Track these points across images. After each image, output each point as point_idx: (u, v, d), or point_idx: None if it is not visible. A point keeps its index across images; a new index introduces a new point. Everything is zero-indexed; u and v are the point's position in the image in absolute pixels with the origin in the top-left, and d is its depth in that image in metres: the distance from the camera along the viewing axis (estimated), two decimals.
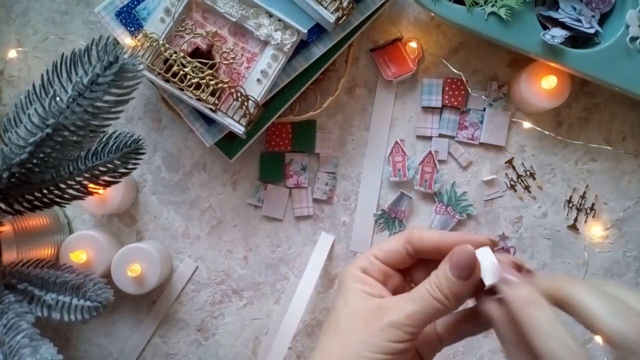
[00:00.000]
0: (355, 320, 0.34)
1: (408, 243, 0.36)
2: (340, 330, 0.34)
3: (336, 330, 0.35)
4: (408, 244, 0.36)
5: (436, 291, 0.33)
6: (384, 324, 0.33)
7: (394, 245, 0.37)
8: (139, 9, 0.57)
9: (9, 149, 0.41)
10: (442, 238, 0.35)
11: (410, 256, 0.37)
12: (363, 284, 0.36)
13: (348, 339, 0.33)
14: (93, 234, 0.60)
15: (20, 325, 0.44)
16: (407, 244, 0.36)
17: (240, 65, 0.56)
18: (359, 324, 0.34)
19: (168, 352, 0.65)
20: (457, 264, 0.33)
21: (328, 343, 0.34)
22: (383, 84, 0.64)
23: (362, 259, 0.37)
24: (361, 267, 0.37)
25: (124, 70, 0.39)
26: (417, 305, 0.33)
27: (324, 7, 0.54)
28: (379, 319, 0.33)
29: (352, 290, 0.36)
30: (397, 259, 0.37)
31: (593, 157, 0.64)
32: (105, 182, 0.49)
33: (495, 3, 0.55)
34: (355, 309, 0.35)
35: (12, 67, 0.65)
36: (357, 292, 0.35)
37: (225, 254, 0.65)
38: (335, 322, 0.35)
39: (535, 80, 0.59)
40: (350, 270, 0.37)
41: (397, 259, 0.37)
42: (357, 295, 0.35)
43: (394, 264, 0.37)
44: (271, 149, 0.64)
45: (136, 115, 0.65)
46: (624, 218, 0.64)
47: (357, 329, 0.34)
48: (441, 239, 0.35)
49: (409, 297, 0.34)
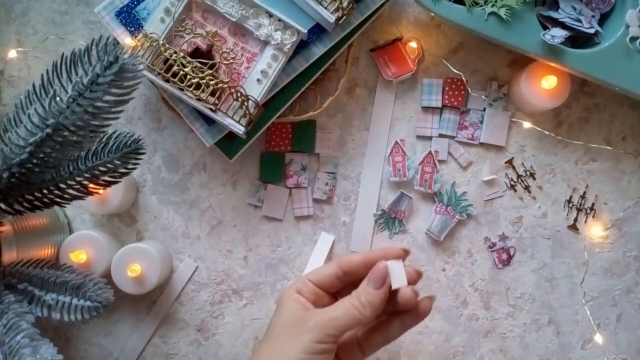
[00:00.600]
0: (285, 326, 0.41)
1: (338, 267, 0.44)
2: (272, 337, 0.41)
3: (269, 337, 0.42)
4: (338, 267, 0.44)
5: (355, 301, 0.41)
6: (310, 325, 0.40)
7: (325, 270, 0.45)
8: (139, 9, 0.57)
9: (9, 149, 0.41)
10: (365, 256, 0.43)
11: (339, 279, 0.44)
12: (296, 302, 0.43)
13: (278, 343, 0.40)
14: (93, 234, 0.60)
15: (20, 325, 0.44)
16: (337, 267, 0.44)
17: (240, 65, 0.56)
18: (288, 328, 0.41)
19: (168, 352, 0.65)
20: (373, 277, 0.41)
21: (261, 349, 0.41)
22: (383, 84, 0.64)
23: (297, 283, 0.44)
24: (296, 288, 0.44)
25: (124, 70, 0.39)
26: (339, 311, 0.41)
27: (324, 7, 0.54)
28: (305, 321, 0.40)
29: (286, 306, 0.43)
30: (327, 281, 0.44)
31: (593, 157, 0.64)
32: (105, 182, 0.49)
33: (495, 3, 0.55)
34: (286, 318, 0.42)
35: (12, 67, 0.65)
36: (290, 306, 0.42)
37: (225, 254, 0.65)
38: (269, 331, 0.42)
39: (535, 80, 0.59)
40: (287, 291, 0.44)
41: (328, 281, 0.44)
42: (289, 309, 0.42)
43: (325, 286, 0.44)
44: (271, 149, 0.64)
45: (136, 115, 0.65)
46: (624, 218, 0.64)
47: (286, 333, 0.40)
48: (365, 256, 0.43)
49: (333, 306, 0.42)
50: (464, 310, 0.64)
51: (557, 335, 0.64)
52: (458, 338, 0.64)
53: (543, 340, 0.64)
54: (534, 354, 0.64)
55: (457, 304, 0.64)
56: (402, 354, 0.65)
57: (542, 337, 0.64)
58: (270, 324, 0.43)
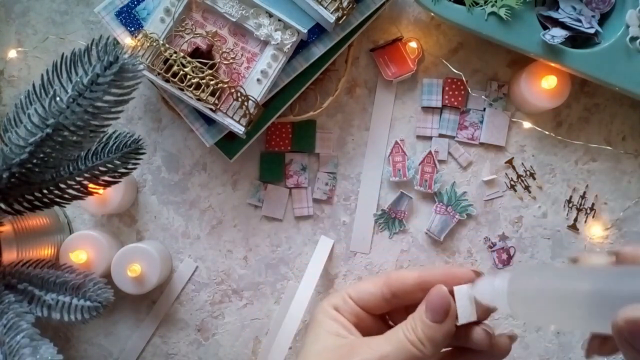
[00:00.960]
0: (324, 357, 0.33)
1: (386, 287, 0.35)
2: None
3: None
4: (385, 286, 0.35)
5: (411, 334, 0.32)
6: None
7: (369, 288, 0.35)
8: (139, 9, 0.57)
9: (9, 149, 0.41)
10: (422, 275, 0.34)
11: (386, 302, 0.35)
12: (335, 321, 0.35)
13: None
14: (93, 234, 0.60)
15: (20, 325, 0.44)
16: (385, 286, 0.35)
17: (240, 65, 0.56)
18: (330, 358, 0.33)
19: (168, 352, 0.65)
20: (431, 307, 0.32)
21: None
22: (383, 84, 0.64)
23: (336, 297, 0.36)
24: (334, 304, 0.36)
25: (124, 70, 0.39)
26: (391, 346, 0.32)
27: (324, 7, 0.54)
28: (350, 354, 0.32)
29: (323, 326, 0.35)
30: (371, 302, 0.35)
31: (593, 157, 0.64)
32: (105, 182, 0.49)
33: (495, 3, 0.55)
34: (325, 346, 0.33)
35: (12, 67, 0.65)
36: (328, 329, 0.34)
37: (225, 254, 0.65)
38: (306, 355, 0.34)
39: (535, 80, 0.59)
40: (323, 307, 0.36)
41: (372, 302, 0.35)
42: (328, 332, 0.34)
43: (368, 307, 0.36)
44: (271, 149, 0.64)
45: (136, 115, 0.65)
46: (624, 218, 0.64)
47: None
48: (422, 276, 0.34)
49: (383, 338, 0.33)
50: None
51: (557, 335, 0.64)
52: None
53: (543, 340, 0.64)
54: (534, 354, 0.64)
55: None
56: None
57: (542, 337, 0.64)
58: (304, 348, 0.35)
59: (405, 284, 0.34)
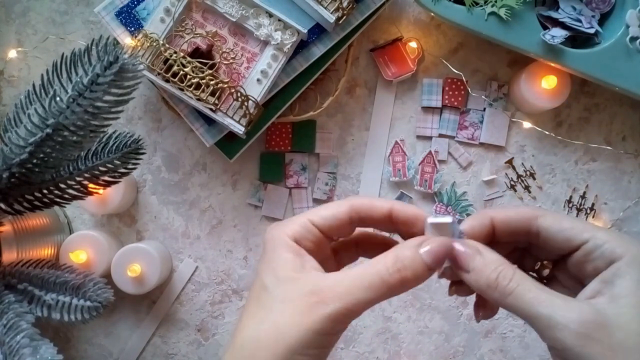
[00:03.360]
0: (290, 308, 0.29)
1: (354, 212, 0.32)
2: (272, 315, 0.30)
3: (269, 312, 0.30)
4: (354, 212, 0.32)
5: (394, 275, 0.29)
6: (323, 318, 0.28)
7: (335, 213, 0.32)
8: (139, 9, 0.57)
9: (9, 149, 0.41)
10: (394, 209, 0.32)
11: (352, 227, 0.33)
12: (294, 254, 0.31)
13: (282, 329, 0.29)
14: (93, 234, 0.60)
15: (20, 325, 0.44)
16: (353, 212, 0.32)
17: (240, 65, 0.56)
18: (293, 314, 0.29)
19: (168, 352, 0.65)
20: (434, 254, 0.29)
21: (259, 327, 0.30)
22: (383, 84, 0.64)
23: (294, 224, 0.32)
24: (293, 235, 0.31)
25: (124, 70, 0.39)
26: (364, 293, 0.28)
27: (324, 7, 0.54)
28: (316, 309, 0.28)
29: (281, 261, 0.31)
30: (336, 227, 0.32)
31: (593, 157, 0.64)
32: (105, 182, 0.49)
33: (495, 3, 0.55)
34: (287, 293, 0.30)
35: (12, 67, 0.65)
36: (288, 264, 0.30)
37: (225, 254, 0.65)
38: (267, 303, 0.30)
39: (535, 80, 0.59)
40: (279, 236, 0.31)
41: (337, 227, 0.32)
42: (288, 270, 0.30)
43: (331, 233, 0.32)
44: (271, 149, 0.64)
45: (136, 115, 0.65)
46: (624, 218, 0.64)
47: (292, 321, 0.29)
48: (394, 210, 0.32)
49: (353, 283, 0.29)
50: (464, 311, 0.64)
51: None
52: (458, 338, 0.64)
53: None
54: (534, 354, 0.64)
55: (457, 304, 0.64)
56: (402, 353, 0.65)
57: None
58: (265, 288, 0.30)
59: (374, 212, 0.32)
